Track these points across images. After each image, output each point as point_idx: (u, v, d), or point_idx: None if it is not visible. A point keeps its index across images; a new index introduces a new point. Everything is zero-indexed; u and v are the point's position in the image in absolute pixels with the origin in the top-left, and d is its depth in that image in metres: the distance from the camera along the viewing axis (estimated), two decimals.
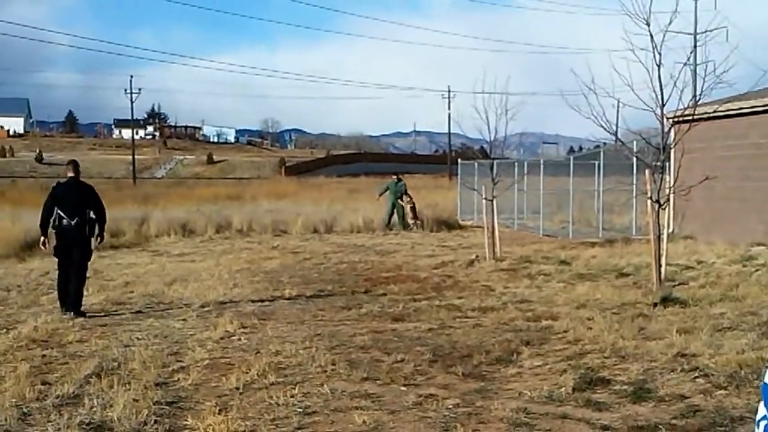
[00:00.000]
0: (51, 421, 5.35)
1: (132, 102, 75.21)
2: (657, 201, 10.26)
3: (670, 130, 11.14)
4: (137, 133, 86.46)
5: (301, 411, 5.54)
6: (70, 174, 9.97)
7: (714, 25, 39.12)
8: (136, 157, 72.82)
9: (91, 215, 9.87)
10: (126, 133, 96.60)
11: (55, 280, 10.09)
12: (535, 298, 10.37)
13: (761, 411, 2.24)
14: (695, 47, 13.67)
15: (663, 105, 10.11)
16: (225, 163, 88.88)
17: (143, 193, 38.94)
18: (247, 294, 11.23)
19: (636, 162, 16.19)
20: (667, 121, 10.95)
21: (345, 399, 5.83)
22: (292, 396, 5.86)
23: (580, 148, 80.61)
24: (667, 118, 10.93)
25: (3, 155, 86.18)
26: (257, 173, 78.31)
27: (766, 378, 2.25)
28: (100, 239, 10.14)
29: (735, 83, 10.87)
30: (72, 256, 9.75)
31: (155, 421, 5.33)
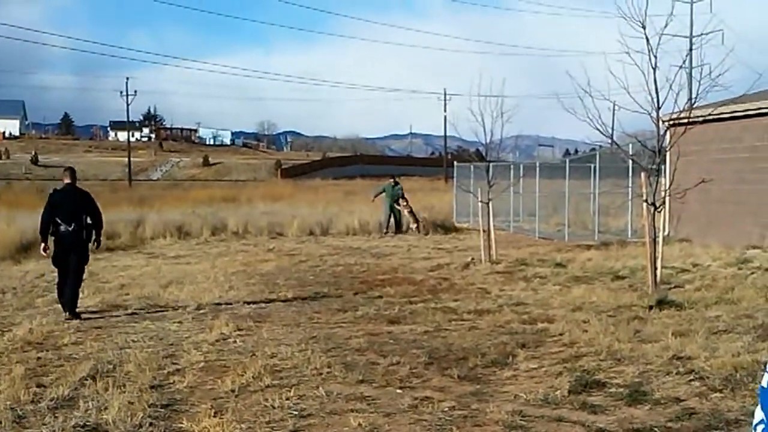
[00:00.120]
0: (46, 424, 5.34)
1: (128, 104, 75.23)
2: (653, 204, 10.28)
3: (665, 132, 11.16)
4: (133, 135, 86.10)
5: (297, 414, 5.54)
6: (66, 180, 10.00)
7: (710, 29, 39.34)
8: (131, 159, 72.58)
9: (88, 221, 9.91)
10: (122, 135, 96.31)
11: (51, 282, 10.09)
12: (531, 300, 10.38)
13: (758, 415, 2.22)
14: (691, 50, 13.67)
15: (659, 108, 10.14)
16: (221, 166, 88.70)
17: (139, 195, 38.91)
18: (243, 296, 11.22)
19: (632, 165, 16.22)
20: (663, 124, 10.98)
21: (340, 402, 5.82)
22: (287, 399, 5.86)
23: (575, 150, 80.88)
24: (663, 121, 10.96)
25: None
26: (253, 175, 78.17)
27: (764, 382, 2.23)
28: (96, 244, 10.20)
29: (731, 86, 10.93)
30: (69, 261, 9.78)
31: (150, 424, 5.33)
